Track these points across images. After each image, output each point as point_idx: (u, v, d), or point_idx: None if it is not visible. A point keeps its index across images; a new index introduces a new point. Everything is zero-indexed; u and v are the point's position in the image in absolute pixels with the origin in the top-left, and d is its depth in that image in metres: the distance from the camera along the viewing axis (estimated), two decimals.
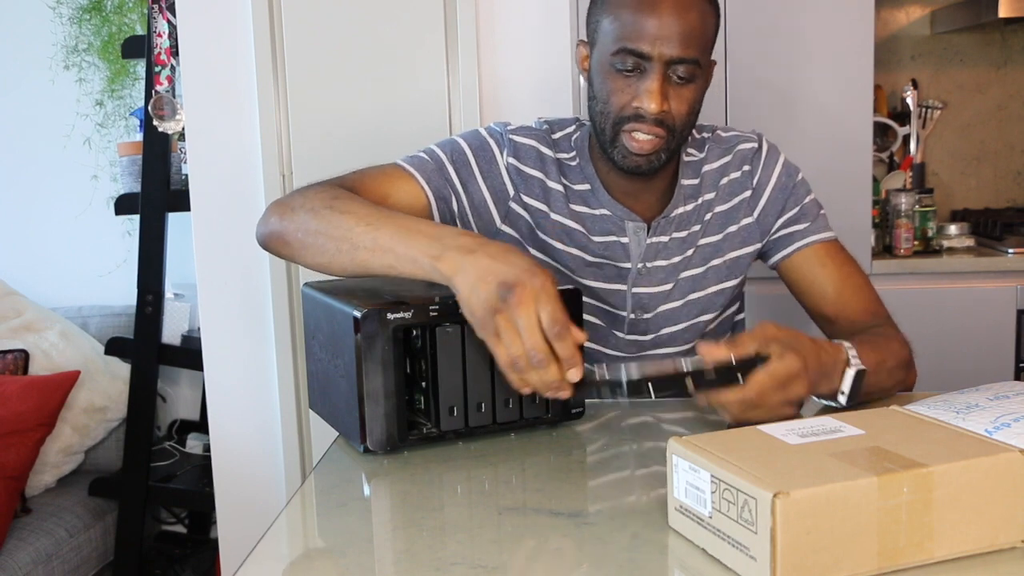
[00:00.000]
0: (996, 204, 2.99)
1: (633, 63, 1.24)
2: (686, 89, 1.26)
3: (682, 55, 1.23)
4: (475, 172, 1.36)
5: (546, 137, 1.40)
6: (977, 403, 1.01)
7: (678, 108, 1.27)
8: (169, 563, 2.62)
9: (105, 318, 2.79)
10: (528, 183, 1.37)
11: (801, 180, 1.42)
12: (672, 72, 1.24)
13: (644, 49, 1.23)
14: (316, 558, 0.88)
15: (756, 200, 1.40)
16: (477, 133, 1.40)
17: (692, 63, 1.24)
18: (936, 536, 0.75)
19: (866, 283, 1.39)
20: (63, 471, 2.57)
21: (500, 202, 1.37)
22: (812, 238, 1.39)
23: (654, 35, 1.22)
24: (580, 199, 1.37)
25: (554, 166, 1.38)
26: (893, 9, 2.93)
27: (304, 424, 2.24)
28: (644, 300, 1.37)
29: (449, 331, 1.07)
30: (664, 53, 1.23)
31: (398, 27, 2.13)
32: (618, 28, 1.25)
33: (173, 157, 2.47)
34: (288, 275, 2.19)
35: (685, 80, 1.25)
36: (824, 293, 1.38)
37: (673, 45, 1.23)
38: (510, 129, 1.40)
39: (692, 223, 1.38)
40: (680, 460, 0.82)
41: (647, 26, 1.22)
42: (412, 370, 1.13)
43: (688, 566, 0.80)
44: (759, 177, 1.40)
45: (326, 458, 1.10)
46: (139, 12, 2.73)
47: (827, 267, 1.38)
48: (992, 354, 2.52)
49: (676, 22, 1.22)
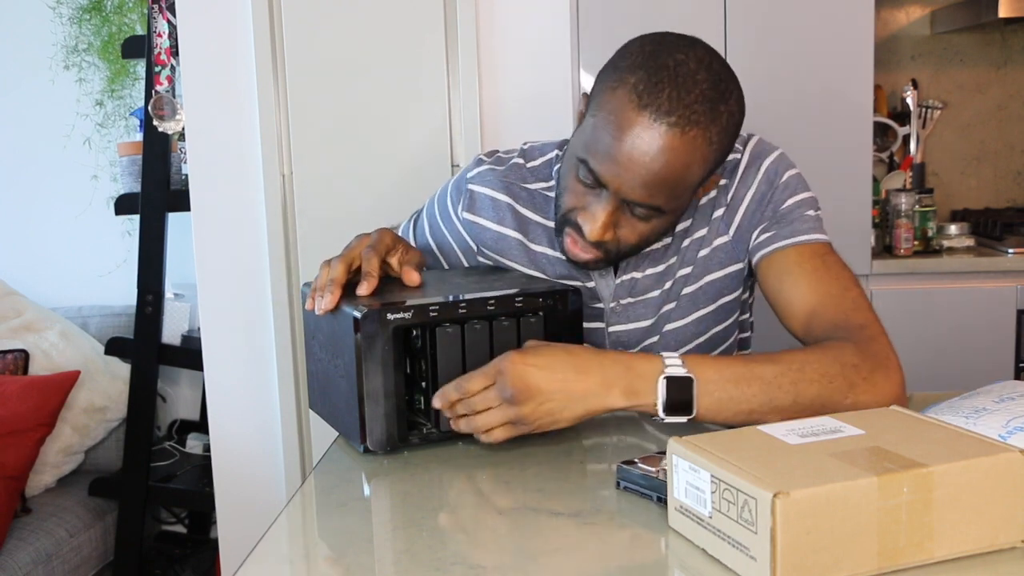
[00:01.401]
0: (996, 204, 2.99)
1: (591, 180, 1.14)
2: (641, 224, 1.16)
3: (640, 200, 1.12)
4: (444, 234, 1.39)
5: (515, 171, 1.35)
6: (984, 407, 1.00)
7: (626, 237, 1.17)
8: (169, 563, 2.62)
9: (105, 318, 2.79)
10: (483, 234, 1.35)
11: (787, 181, 1.26)
12: (628, 207, 1.14)
13: (603, 176, 1.12)
14: (316, 558, 0.88)
15: (731, 217, 1.27)
16: (444, 192, 1.40)
17: (652, 208, 1.13)
18: (936, 536, 0.75)
19: (845, 294, 1.18)
20: (63, 471, 2.57)
21: (469, 257, 1.39)
22: (779, 244, 1.23)
23: (619, 168, 1.10)
24: (545, 238, 1.33)
25: (520, 204, 1.34)
26: (893, 9, 2.93)
27: (304, 424, 2.24)
28: (623, 337, 1.32)
29: (449, 331, 1.07)
30: (622, 190, 1.12)
31: (398, 27, 2.13)
32: (592, 136, 1.12)
33: (173, 157, 2.47)
34: (288, 275, 2.19)
35: (641, 217, 1.15)
36: (789, 300, 1.21)
37: (634, 188, 1.11)
38: (470, 177, 1.36)
39: (669, 256, 1.30)
40: (680, 460, 0.82)
41: (616, 155, 1.09)
42: (412, 370, 1.13)
43: (688, 566, 0.80)
44: (734, 192, 1.27)
45: (326, 458, 1.10)
46: (139, 12, 2.74)
47: (791, 272, 1.21)
48: (992, 354, 2.52)
49: (648, 166, 1.09)
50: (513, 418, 1.03)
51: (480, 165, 1.37)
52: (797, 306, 1.19)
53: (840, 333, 1.12)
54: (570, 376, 1.03)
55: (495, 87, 2.18)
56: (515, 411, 1.03)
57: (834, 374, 1.05)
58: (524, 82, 2.19)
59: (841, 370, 1.05)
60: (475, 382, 1.04)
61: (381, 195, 2.14)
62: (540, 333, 1.11)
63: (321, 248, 1.42)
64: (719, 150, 1.13)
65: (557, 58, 2.18)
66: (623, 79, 1.10)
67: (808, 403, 1.04)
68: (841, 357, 1.06)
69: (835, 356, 1.06)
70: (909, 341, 2.50)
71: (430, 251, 1.41)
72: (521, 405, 1.02)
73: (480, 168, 1.36)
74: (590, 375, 1.04)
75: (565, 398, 1.03)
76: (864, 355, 1.07)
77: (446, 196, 1.40)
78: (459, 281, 1.21)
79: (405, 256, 1.18)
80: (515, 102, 2.19)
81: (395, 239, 1.19)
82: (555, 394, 1.03)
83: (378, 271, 1.12)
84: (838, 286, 1.18)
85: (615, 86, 1.11)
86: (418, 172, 2.14)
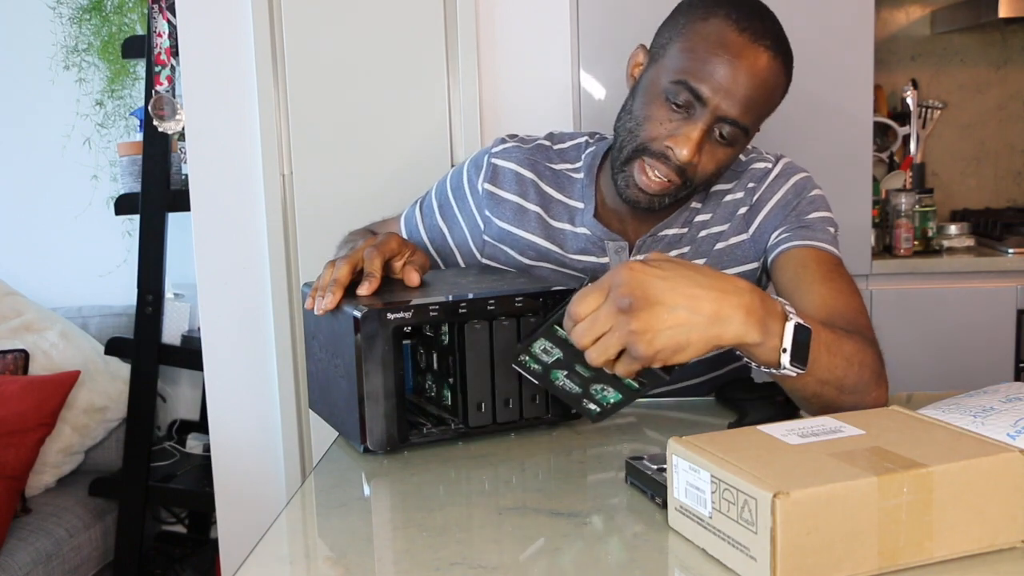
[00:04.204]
0: (996, 204, 2.99)
1: (685, 100, 1.18)
2: (722, 150, 1.21)
3: (737, 117, 1.17)
4: (455, 212, 1.42)
5: (541, 151, 1.38)
6: (992, 406, 1.00)
7: (705, 165, 1.21)
8: (169, 563, 2.62)
9: (105, 318, 2.79)
10: (501, 207, 1.37)
11: (814, 197, 1.31)
12: (718, 127, 1.19)
13: (704, 93, 1.16)
14: (316, 558, 0.88)
15: (753, 216, 1.32)
16: (460, 170, 1.43)
17: (742, 128, 1.19)
18: (936, 536, 0.75)
19: (852, 295, 1.22)
20: (63, 471, 2.57)
21: (476, 238, 1.40)
22: (799, 242, 1.27)
23: (720, 85, 1.16)
24: (566, 215, 1.35)
25: (543, 182, 1.36)
26: (893, 9, 2.93)
27: (304, 424, 2.24)
28: None
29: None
30: (721, 106, 1.17)
31: (398, 27, 2.13)
32: (687, 60, 1.17)
33: (173, 157, 2.47)
34: (288, 275, 2.19)
35: (726, 141, 1.20)
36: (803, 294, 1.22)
37: (734, 103, 1.17)
38: (495, 152, 1.39)
39: (683, 244, 1.33)
40: (680, 460, 0.82)
41: (718, 72, 1.16)
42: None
43: (688, 566, 0.80)
44: (760, 194, 1.32)
45: (326, 458, 1.10)
46: (139, 12, 2.73)
47: (809, 268, 1.25)
48: (992, 354, 2.52)
49: (747, 83, 1.16)
50: (629, 338, 0.88)
51: (504, 143, 1.41)
52: (813, 303, 1.20)
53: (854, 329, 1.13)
54: (699, 292, 0.89)
55: (495, 88, 2.18)
56: (633, 325, 0.87)
57: (874, 366, 1.08)
58: (524, 83, 2.19)
59: (874, 363, 1.08)
60: (585, 303, 0.91)
61: (381, 195, 2.14)
62: None
63: (321, 248, 1.42)
64: (786, 88, 1.24)
65: (557, 58, 2.18)
66: (712, 11, 1.18)
67: (852, 388, 1.04)
68: (876, 353, 1.10)
69: (873, 352, 1.09)
70: (909, 341, 2.50)
71: (439, 231, 1.42)
72: (638, 317, 0.87)
73: (505, 145, 1.40)
74: (726, 296, 0.90)
75: (693, 316, 0.89)
76: (879, 358, 1.11)
77: (462, 173, 1.43)
78: (459, 281, 1.21)
79: (411, 258, 1.18)
80: (515, 103, 2.19)
81: (401, 243, 1.19)
82: (679, 310, 0.88)
83: (380, 272, 1.12)
84: (848, 289, 1.23)
85: (706, 16, 1.18)
86: (418, 172, 2.14)
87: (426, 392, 1.19)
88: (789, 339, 0.94)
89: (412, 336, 1.20)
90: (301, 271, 2.18)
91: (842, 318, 1.16)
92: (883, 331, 1.21)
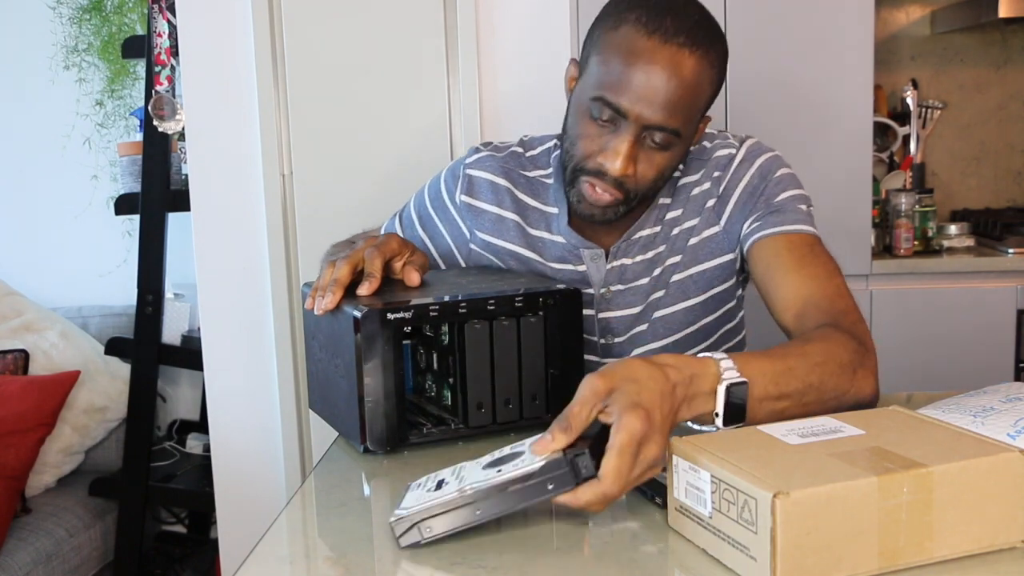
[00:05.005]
0: (996, 204, 2.99)
1: (609, 115, 1.16)
2: (659, 155, 1.19)
3: (662, 123, 1.15)
4: (436, 223, 1.41)
5: (514, 159, 1.38)
6: (992, 406, 1.00)
7: (644, 173, 1.20)
8: (169, 563, 2.62)
9: (105, 318, 2.79)
10: (480, 218, 1.37)
11: (780, 177, 1.28)
12: (647, 135, 1.17)
13: (622, 105, 1.15)
14: (316, 558, 0.88)
15: (723, 207, 1.30)
16: (436, 181, 1.42)
17: (671, 132, 1.17)
18: (936, 536, 0.75)
19: (830, 281, 1.19)
20: (63, 471, 2.57)
21: (462, 246, 1.40)
22: (770, 230, 1.25)
23: (638, 95, 1.14)
24: (543, 222, 1.35)
25: (518, 190, 1.36)
26: (893, 9, 2.93)
27: (304, 424, 2.24)
28: (612, 324, 1.33)
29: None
30: (644, 115, 1.15)
31: (398, 27, 2.13)
32: (603, 74, 1.16)
33: (173, 157, 2.47)
34: (288, 275, 2.19)
35: (660, 147, 1.18)
36: (777, 286, 1.21)
37: (655, 110, 1.14)
38: (469, 162, 1.38)
39: (658, 243, 1.31)
40: (680, 460, 0.82)
41: (632, 82, 1.14)
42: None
43: (688, 566, 0.80)
44: (727, 183, 1.29)
45: (326, 458, 1.10)
46: (139, 12, 2.73)
47: (781, 257, 1.22)
48: (992, 354, 2.52)
49: (666, 86, 1.13)
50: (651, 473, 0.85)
51: (478, 152, 1.40)
52: (787, 293, 1.19)
53: (830, 319, 1.13)
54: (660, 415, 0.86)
55: (495, 88, 2.17)
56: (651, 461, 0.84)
57: (845, 362, 1.05)
58: (524, 83, 2.19)
59: (850, 357, 1.05)
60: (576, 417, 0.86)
61: (381, 195, 2.14)
62: (540, 333, 1.11)
63: (321, 248, 1.42)
64: (719, 75, 1.20)
65: (557, 57, 2.18)
66: (622, 18, 1.17)
67: (830, 394, 1.02)
68: (846, 344, 1.07)
69: (842, 344, 1.06)
70: (909, 341, 2.50)
71: (421, 243, 1.42)
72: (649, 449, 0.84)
73: (478, 155, 1.39)
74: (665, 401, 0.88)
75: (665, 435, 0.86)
76: (856, 340, 1.08)
77: (439, 185, 1.42)
78: (459, 281, 1.21)
79: (411, 258, 1.19)
80: (515, 103, 2.19)
81: (401, 243, 1.19)
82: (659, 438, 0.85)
83: (380, 272, 1.12)
84: (824, 272, 1.20)
85: (616, 25, 1.17)
86: (418, 172, 2.13)
87: (426, 392, 1.19)
88: (721, 403, 0.94)
89: (412, 336, 1.20)
90: (301, 271, 2.18)
91: (816, 307, 1.15)
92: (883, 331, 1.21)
